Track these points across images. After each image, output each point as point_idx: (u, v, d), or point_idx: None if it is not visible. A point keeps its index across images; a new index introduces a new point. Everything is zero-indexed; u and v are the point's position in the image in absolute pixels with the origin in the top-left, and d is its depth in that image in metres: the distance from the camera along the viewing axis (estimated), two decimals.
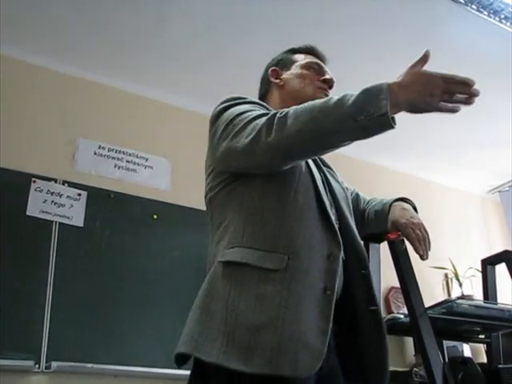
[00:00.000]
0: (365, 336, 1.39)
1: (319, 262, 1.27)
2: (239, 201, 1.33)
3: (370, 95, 1.16)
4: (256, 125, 1.25)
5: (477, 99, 1.22)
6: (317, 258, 1.27)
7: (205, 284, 1.30)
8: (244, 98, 1.43)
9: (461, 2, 2.83)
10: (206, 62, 3.30)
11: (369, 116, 1.14)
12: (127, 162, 3.29)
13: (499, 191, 4.77)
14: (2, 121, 2.92)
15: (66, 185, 3.00)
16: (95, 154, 3.21)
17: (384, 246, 2.06)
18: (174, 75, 3.42)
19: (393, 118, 1.17)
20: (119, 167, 3.25)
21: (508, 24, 2.97)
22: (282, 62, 1.68)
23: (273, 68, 1.67)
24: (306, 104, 1.24)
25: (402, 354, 3.65)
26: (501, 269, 2.74)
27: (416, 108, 1.21)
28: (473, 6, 2.86)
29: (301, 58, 1.67)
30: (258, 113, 1.30)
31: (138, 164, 3.32)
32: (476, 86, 1.22)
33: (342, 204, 1.49)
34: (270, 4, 2.87)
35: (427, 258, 1.50)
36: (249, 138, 1.25)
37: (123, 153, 3.29)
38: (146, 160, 3.36)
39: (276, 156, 1.25)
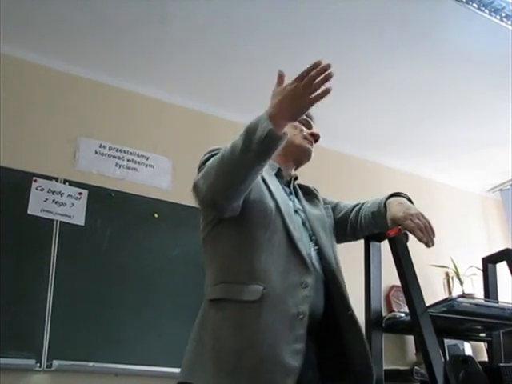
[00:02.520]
0: (349, 339, 1.49)
1: (293, 290, 1.41)
2: (222, 242, 1.52)
3: (253, 127, 1.32)
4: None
5: (477, 98, 1.23)
6: (290, 287, 1.41)
7: (198, 318, 1.48)
8: (222, 149, 1.61)
9: (462, 1, 2.83)
10: (206, 62, 3.30)
11: (258, 141, 1.30)
12: (128, 160, 3.29)
13: (500, 190, 4.78)
14: (2, 120, 2.92)
15: (67, 184, 3.00)
16: (96, 152, 3.22)
17: (385, 245, 2.06)
18: (174, 74, 3.42)
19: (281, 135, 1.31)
20: (120, 166, 3.25)
21: (509, 23, 2.97)
22: None
23: None
24: (213, 161, 1.44)
25: (402, 352, 3.66)
26: (502, 267, 2.73)
27: (297, 115, 1.37)
28: (473, 5, 2.86)
29: None
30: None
31: (139, 163, 3.33)
32: (476, 85, 1.23)
33: (318, 229, 1.63)
34: (269, 5, 2.87)
35: (433, 244, 1.53)
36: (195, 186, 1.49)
37: (124, 152, 3.30)
38: (147, 159, 3.36)
39: (209, 204, 1.47)
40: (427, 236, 1.51)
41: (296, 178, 1.79)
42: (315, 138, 1.78)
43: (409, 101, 3.66)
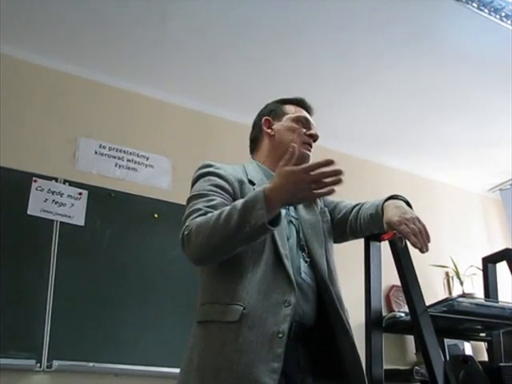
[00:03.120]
0: (342, 346, 1.51)
1: (274, 309, 1.42)
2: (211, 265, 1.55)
3: (250, 207, 1.35)
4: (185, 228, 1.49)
5: (477, 97, 1.23)
6: (272, 306, 1.42)
7: (190, 338, 1.52)
8: (211, 167, 1.62)
9: (461, 1, 2.83)
10: (206, 62, 3.30)
11: (251, 226, 1.34)
12: (128, 160, 3.29)
13: (500, 189, 4.78)
14: (2, 120, 2.92)
15: (67, 184, 3.00)
16: (96, 153, 3.21)
17: (385, 245, 2.06)
18: (174, 74, 3.42)
19: (277, 217, 1.36)
20: (120, 166, 3.25)
21: (509, 22, 2.97)
22: (274, 113, 1.82)
23: (266, 118, 1.80)
24: (204, 220, 1.44)
25: (403, 352, 3.66)
26: (502, 267, 2.73)
27: (294, 203, 1.44)
28: (473, 4, 2.86)
29: (291, 111, 1.81)
30: (198, 206, 1.52)
31: (139, 163, 3.33)
32: (476, 85, 1.23)
33: (312, 239, 1.63)
34: (269, 5, 2.87)
35: (427, 250, 1.50)
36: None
37: (124, 152, 3.30)
38: (147, 159, 3.36)
39: (193, 261, 1.50)
40: (422, 242, 1.49)
41: None
42: (313, 138, 1.76)
43: (409, 101, 3.66)
